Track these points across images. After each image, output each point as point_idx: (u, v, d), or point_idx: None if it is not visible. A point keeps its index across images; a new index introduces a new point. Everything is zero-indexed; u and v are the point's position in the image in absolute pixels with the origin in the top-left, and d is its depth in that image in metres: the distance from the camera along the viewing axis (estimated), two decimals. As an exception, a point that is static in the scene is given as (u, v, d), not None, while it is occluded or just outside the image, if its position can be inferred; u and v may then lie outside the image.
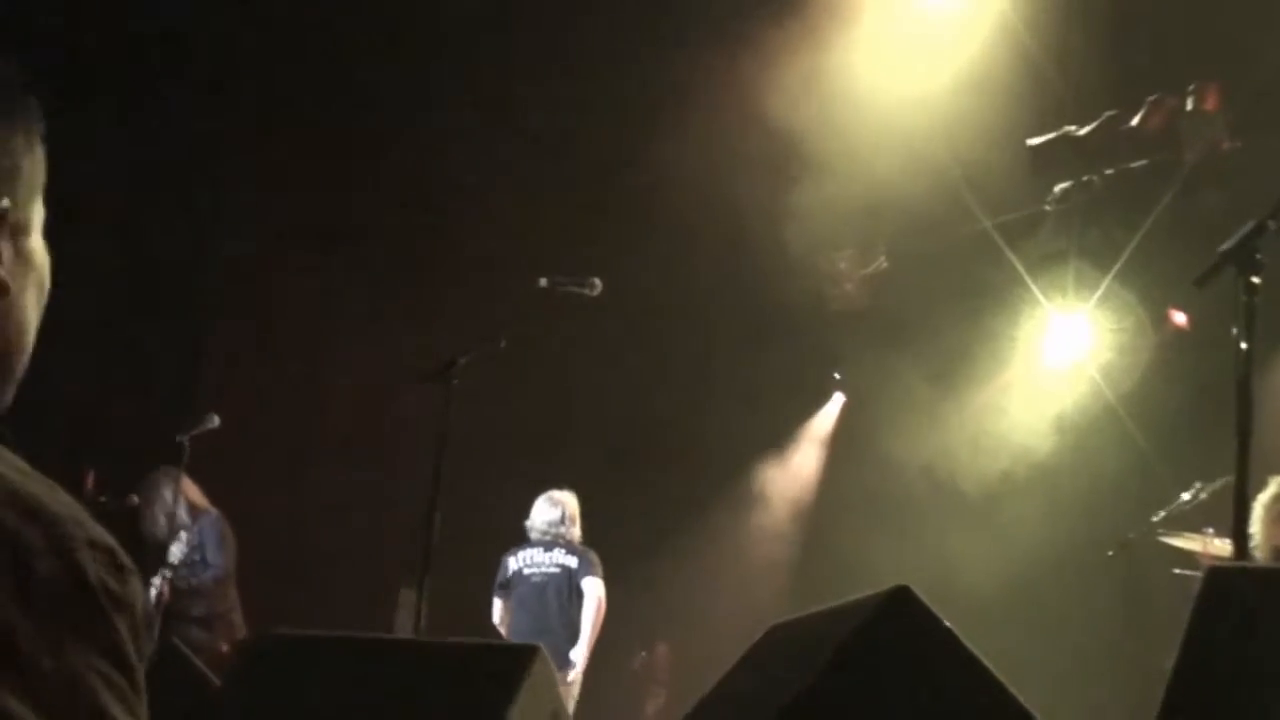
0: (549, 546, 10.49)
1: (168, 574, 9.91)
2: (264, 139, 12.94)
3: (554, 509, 10.57)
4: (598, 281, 7.52)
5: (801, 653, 4.07)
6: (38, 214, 1.76)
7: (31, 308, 1.74)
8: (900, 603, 3.80)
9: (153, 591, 9.76)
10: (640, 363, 13.45)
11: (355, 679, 5.27)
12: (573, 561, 10.43)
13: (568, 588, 10.39)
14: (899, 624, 3.76)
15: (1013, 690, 3.72)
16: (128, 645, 1.45)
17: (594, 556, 10.53)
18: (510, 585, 10.50)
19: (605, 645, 11.62)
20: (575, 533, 10.64)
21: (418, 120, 12.98)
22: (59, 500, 1.48)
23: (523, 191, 12.79)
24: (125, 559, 1.49)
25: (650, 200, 12.43)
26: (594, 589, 10.39)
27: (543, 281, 7.41)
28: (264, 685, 5.40)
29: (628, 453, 13.55)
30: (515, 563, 10.54)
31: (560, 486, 10.70)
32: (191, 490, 10.28)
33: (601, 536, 12.01)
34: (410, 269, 13.10)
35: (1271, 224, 4.43)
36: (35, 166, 1.74)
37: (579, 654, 10.31)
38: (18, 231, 1.71)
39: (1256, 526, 7.44)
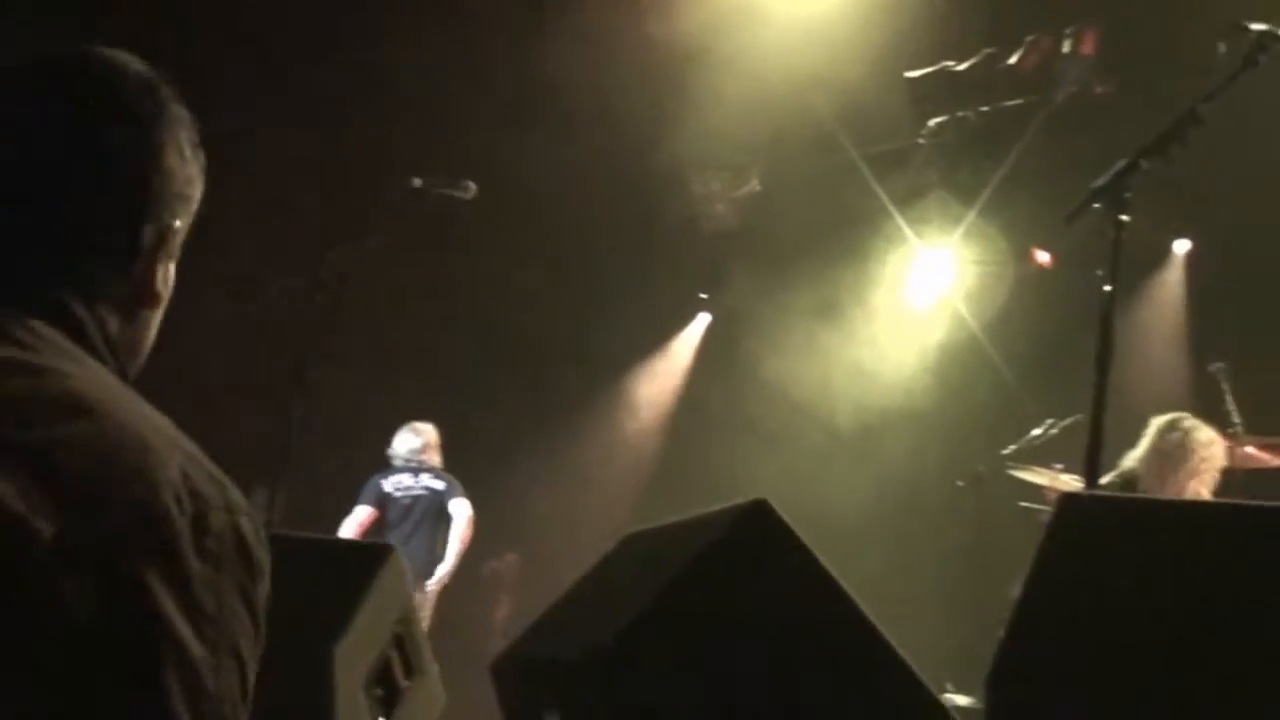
0: (415, 472, 11.21)
1: None
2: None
3: (416, 438, 11.36)
4: (472, 185, 7.46)
5: (657, 561, 4.09)
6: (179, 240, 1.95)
7: (155, 325, 1.98)
8: (758, 516, 3.82)
9: None
10: (510, 270, 13.37)
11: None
12: (440, 485, 11.16)
13: (436, 509, 11.08)
14: (756, 536, 3.78)
15: (864, 609, 3.77)
16: (259, 599, 1.69)
17: (457, 482, 11.24)
18: (382, 505, 11.14)
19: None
20: (436, 459, 11.38)
21: (288, 23, 12.74)
22: (218, 479, 1.69)
23: (395, 95, 12.63)
24: (264, 527, 1.72)
25: (529, 105, 12.33)
26: (463, 509, 11.12)
27: (416, 182, 7.35)
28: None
29: (492, 359, 13.48)
30: (386, 484, 11.19)
31: (425, 400, 10.97)
32: None
33: (457, 444, 11.99)
34: (283, 169, 12.89)
35: (1143, 163, 4.48)
36: (198, 196, 1.98)
37: (444, 568, 10.97)
38: (172, 256, 1.94)
39: (1141, 467, 7.57)
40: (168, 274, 1.93)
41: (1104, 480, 7.44)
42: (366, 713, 4.88)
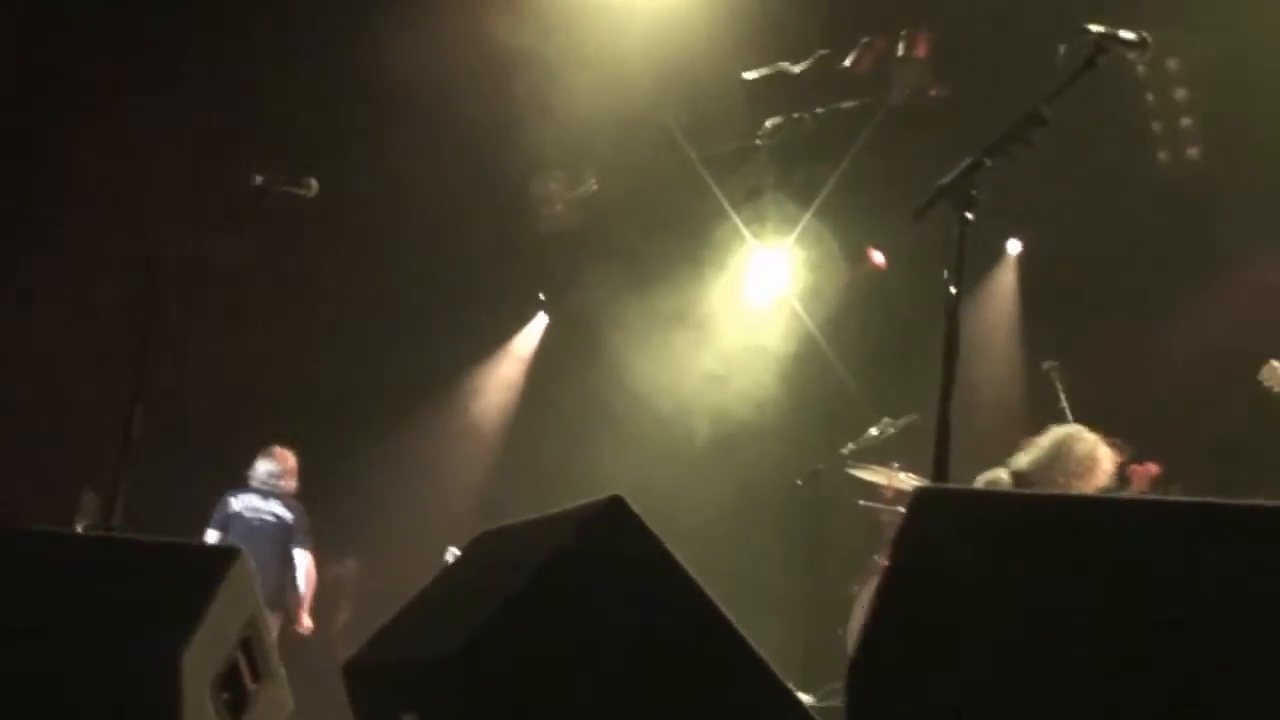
0: (266, 495, 11.38)
1: None
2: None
3: (274, 463, 11.51)
4: (314, 182, 7.37)
5: (512, 559, 4.08)
6: None
7: None
8: (614, 512, 3.83)
9: None
10: (348, 269, 13.28)
11: (47, 574, 5.11)
12: (289, 516, 11.38)
13: (280, 537, 11.29)
14: (612, 532, 3.79)
15: (718, 602, 3.80)
16: None
17: (306, 519, 11.48)
18: (227, 525, 11.28)
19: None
20: (292, 485, 11.57)
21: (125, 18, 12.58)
22: None
23: (236, 92, 12.49)
24: None
25: (369, 106, 12.27)
26: (304, 560, 11.42)
27: (258, 179, 7.24)
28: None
29: (330, 361, 13.38)
30: (235, 504, 11.34)
31: (262, 400, 10.90)
32: None
33: (292, 447, 11.88)
34: (121, 162, 12.69)
35: (988, 161, 4.55)
36: None
37: (303, 616, 11.44)
38: None
39: (1036, 471, 7.58)
40: None
41: (986, 477, 7.54)
42: (214, 717, 4.81)
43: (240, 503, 11.33)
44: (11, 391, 12.64)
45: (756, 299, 12.89)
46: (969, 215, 4.56)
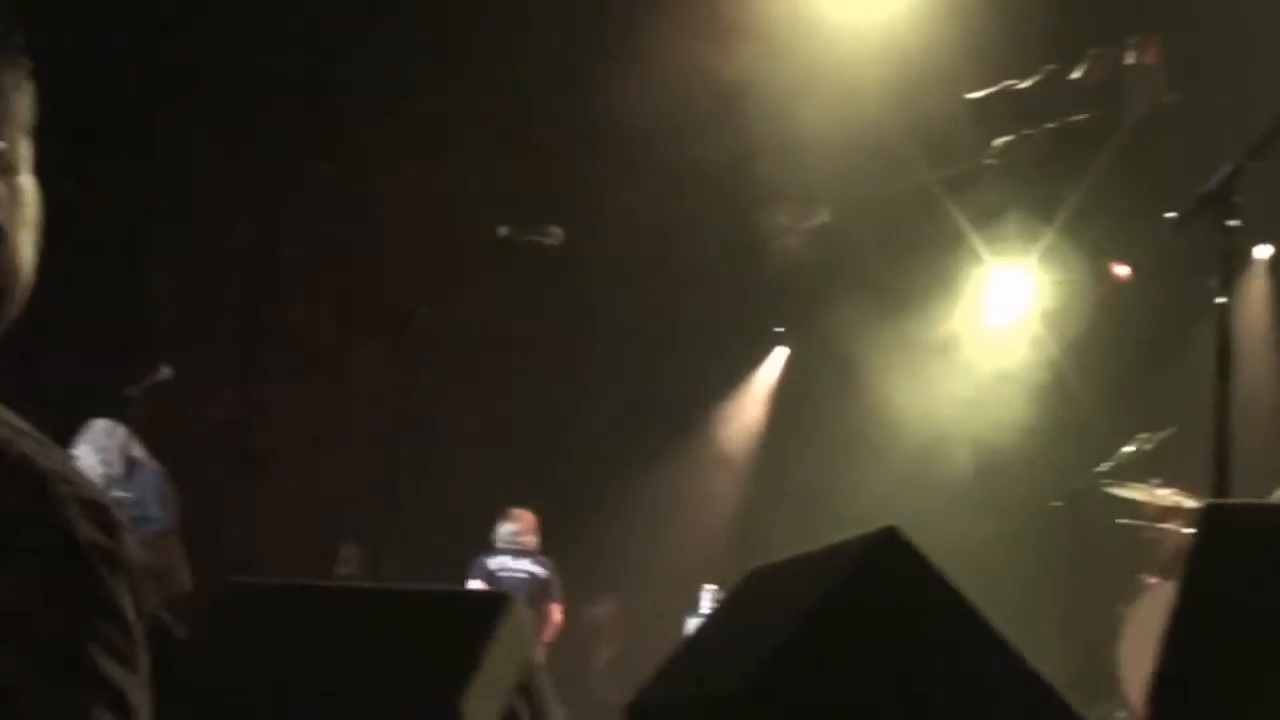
0: (517, 555, 11.83)
1: None
2: (205, 86, 12.88)
3: (515, 524, 11.95)
4: (558, 231, 7.48)
5: (787, 595, 4.07)
6: (26, 151, 1.75)
7: (26, 246, 1.74)
8: (889, 544, 3.80)
9: None
10: (591, 315, 13.45)
11: (325, 626, 5.23)
12: (542, 572, 11.82)
13: (537, 593, 11.68)
14: (890, 564, 3.76)
15: (1005, 633, 3.75)
16: (121, 600, 1.41)
17: (556, 575, 11.89)
18: (487, 584, 11.66)
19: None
20: (535, 541, 11.98)
21: (369, 67, 12.91)
22: (49, 457, 1.45)
23: (476, 143, 12.75)
24: (117, 515, 1.45)
25: (605, 150, 12.42)
26: (557, 614, 11.87)
27: (502, 230, 7.36)
28: (234, 634, 5.35)
29: (575, 405, 13.55)
30: (491, 564, 11.80)
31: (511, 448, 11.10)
32: (132, 444, 10.16)
33: (546, 490, 12.06)
34: (362, 217, 13.01)
35: (1249, 166, 4.43)
36: (23, 102, 1.73)
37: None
38: (9, 170, 1.70)
39: None
40: (12, 192, 1.72)
41: None
42: (496, 764, 4.87)
43: (495, 563, 11.77)
44: (272, 451, 13.01)
45: (998, 320, 12.73)
46: (1233, 222, 4.44)
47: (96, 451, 9.98)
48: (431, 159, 12.65)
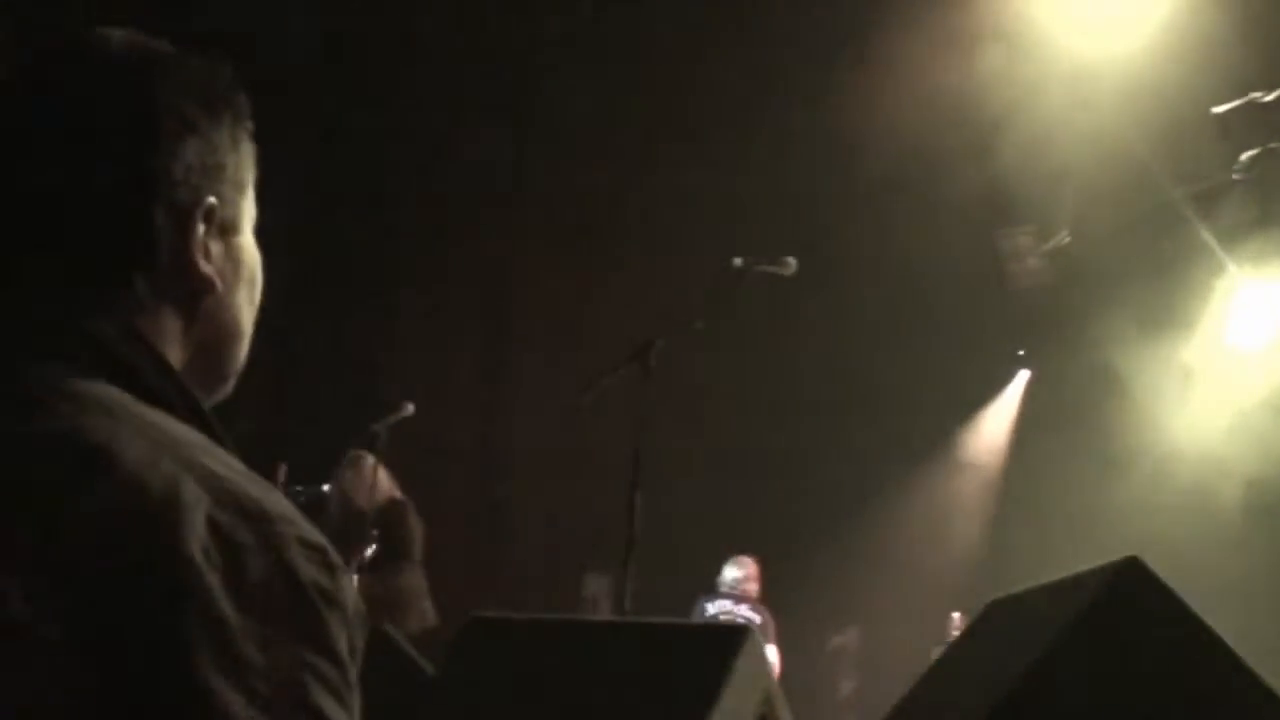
0: (738, 600, 11.90)
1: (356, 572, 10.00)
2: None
3: (739, 570, 12.02)
4: (792, 260, 7.46)
5: (1028, 628, 4.02)
6: (248, 211, 1.80)
7: (244, 305, 1.79)
8: (1131, 574, 3.73)
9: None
10: (826, 342, 13.44)
11: (566, 660, 5.30)
12: (757, 619, 11.61)
13: None
14: (1131, 596, 3.69)
15: (1255, 669, 3.65)
16: (339, 641, 1.45)
17: (773, 622, 11.82)
18: None
19: (798, 629, 11.72)
20: (755, 589, 12.04)
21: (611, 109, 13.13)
22: (272, 499, 1.49)
23: (710, 169, 12.85)
24: (336, 557, 1.49)
25: (835, 176, 12.43)
26: (774, 657, 11.57)
27: (737, 262, 7.37)
28: (478, 668, 5.44)
29: (815, 435, 13.53)
30: (711, 608, 11.90)
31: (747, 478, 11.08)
32: (383, 479, 10.37)
33: (792, 519, 12.06)
34: (601, 248, 13.19)
35: None
36: (242, 163, 1.77)
37: None
38: (226, 230, 1.74)
39: None
40: (229, 251, 1.74)
41: None
42: (738, 795, 4.87)
43: (715, 607, 11.86)
44: (514, 483, 13.23)
45: (1252, 341, 12.39)
46: None
47: (346, 486, 10.25)
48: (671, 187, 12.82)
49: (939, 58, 11.81)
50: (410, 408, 9.77)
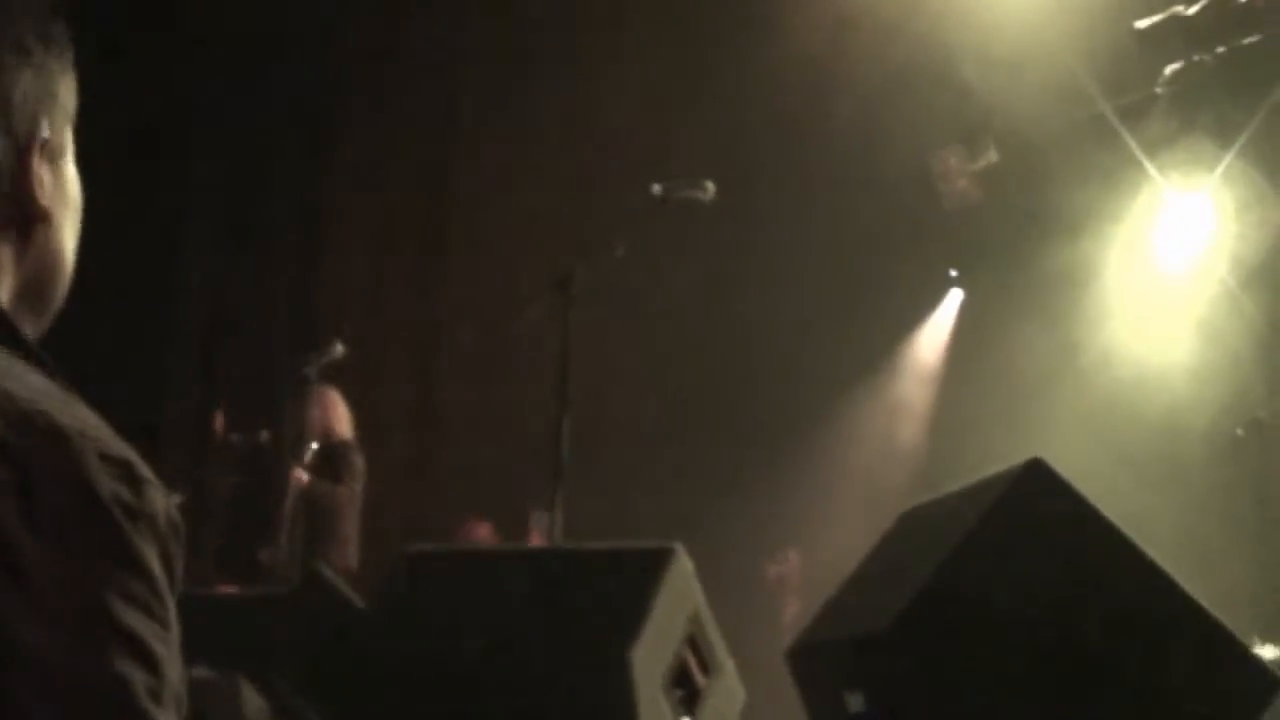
0: None
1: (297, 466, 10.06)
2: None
3: None
4: (711, 185, 7.44)
5: (937, 532, 4.09)
6: (70, 140, 1.78)
7: (69, 234, 1.77)
8: (1034, 475, 3.80)
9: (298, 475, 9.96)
10: (753, 268, 13.47)
11: (497, 588, 5.35)
12: None
13: None
14: (1036, 495, 3.76)
15: (1154, 558, 3.73)
16: (145, 553, 1.41)
17: None
18: None
19: (737, 558, 11.77)
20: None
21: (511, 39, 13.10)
22: (72, 414, 1.46)
23: (625, 96, 12.86)
24: (143, 470, 1.45)
25: (751, 100, 12.45)
26: None
27: (656, 188, 7.36)
28: (411, 601, 5.49)
29: (748, 356, 13.56)
30: None
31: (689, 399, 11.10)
32: (335, 414, 10.40)
33: (725, 445, 12.08)
34: (522, 181, 13.18)
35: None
36: (68, 91, 1.76)
37: None
38: (55, 156, 1.73)
39: None
40: (57, 180, 1.73)
41: None
42: (670, 714, 4.94)
43: None
44: (451, 420, 13.27)
45: (1174, 249, 12.49)
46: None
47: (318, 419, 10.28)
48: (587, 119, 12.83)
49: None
50: (340, 348, 9.78)
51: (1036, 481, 3.79)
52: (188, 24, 12.41)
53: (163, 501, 1.46)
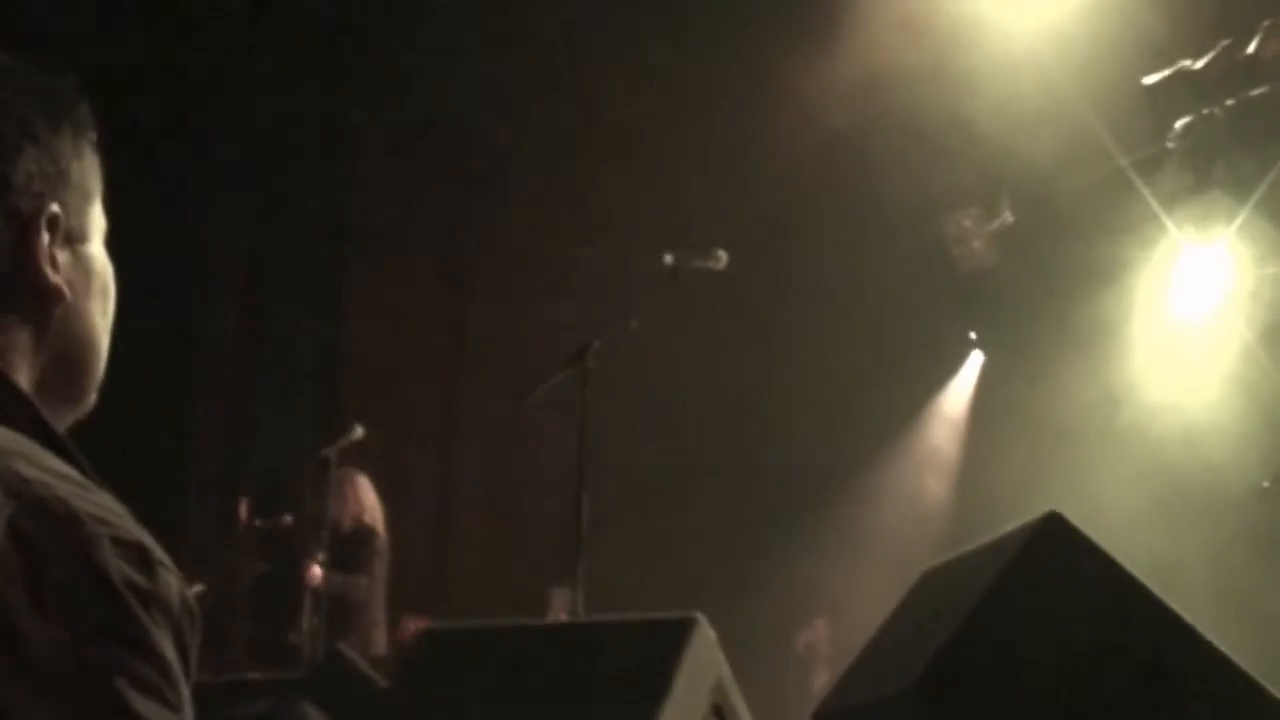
0: None
1: (313, 562, 10.00)
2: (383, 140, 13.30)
3: None
4: (723, 254, 7.45)
5: (957, 590, 4.06)
6: (96, 221, 1.77)
7: (98, 315, 1.75)
8: (1052, 529, 3.78)
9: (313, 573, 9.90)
10: (776, 335, 13.48)
11: (517, 664, 5.33)
12: None
13: None
14: (1054, 549, 3.74)
15: (1178, 610, 3.69)
16: (157, 638, 1.39)
17: None
18: None
19: (766, 627, 11.70)
20: None
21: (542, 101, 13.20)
22: (88, 500, 1.44)
23: (639, 168, 12.93)
24: (158, 555, 1.44)
25: (766, 169, 12.50)
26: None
27: (668, 258, 7.37)
28: (431, 679, 5.47)
29: (764, 431, 13.55)
30: None
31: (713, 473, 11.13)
32: (358, 497, 10.38)
33: (747, 520, 12.04)
34: (539, 256, 13.24)
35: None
36: (86, 172, 1.75)
37: None
38: (73, 238, 1.71)
39: None
40: (77, 260, 1.72)
41: None
42: (697, 784, 4.90)
43: None
44: (475, 498, 13.26)
45: (1194, 303, 12.44)
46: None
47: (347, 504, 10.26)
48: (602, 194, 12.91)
49: (872, 48, 11.88)
50: (360, 430, 9.78)
51: (1055, 536, 3.76)
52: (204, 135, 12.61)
53: (178, 586, 1.44)
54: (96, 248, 1.76)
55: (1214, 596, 8.81)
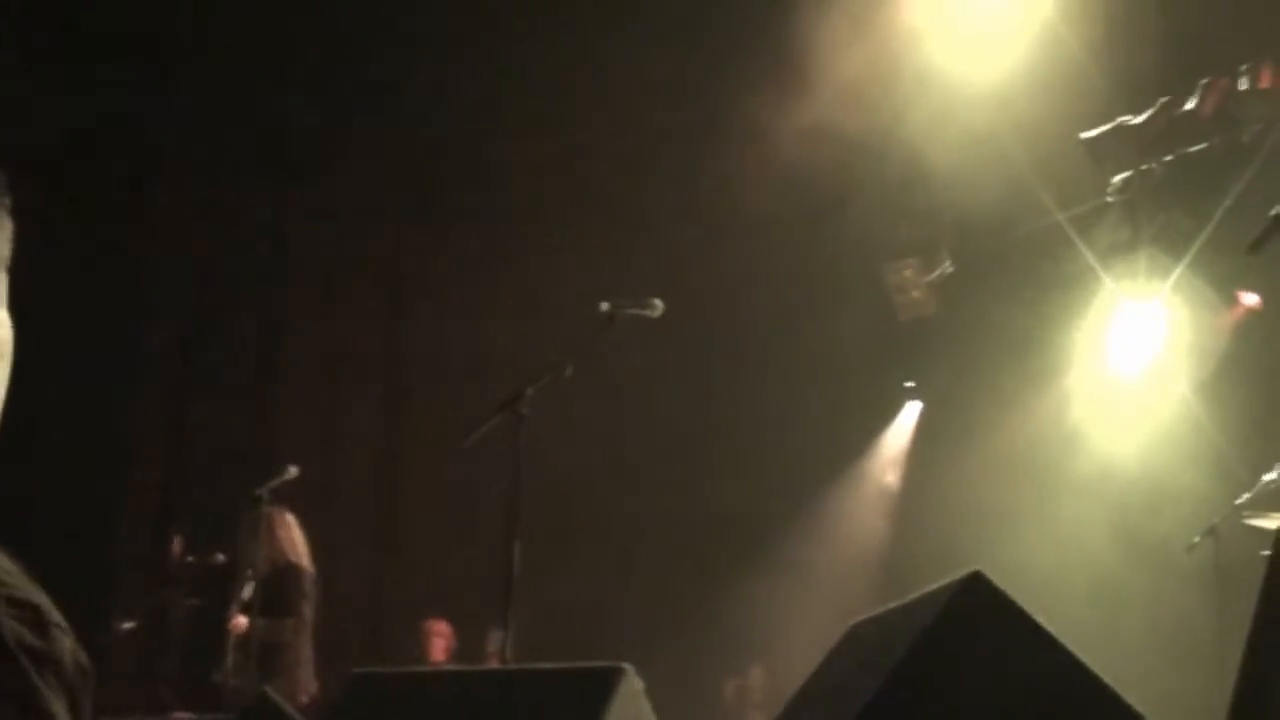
0: None
1: (236, 609, 9.95)
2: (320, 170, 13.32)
3: None
4: (659, 302, 7.45)
5: (880, 646, 4.07)
6: (2, 286, 1.77)
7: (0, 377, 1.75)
8: (975, 588, 3.79)
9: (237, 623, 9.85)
10: (708, 381, 13.50)
11: (445, 711, 5.30)
12: None
13: None
14: (975, 608, 3.75)
15: (1093, 668, 3.71)
16: (47, 698, 1.39)
17: None
18: None
19: (700, 674, 11.67)
20: None
21: (480, 147, 13.19)
22: None
23: (577, 212, 12.95)
24: (52, 616, 1.44)
25: (709, 214, 12.53)
26: None
27: (604, 305, 7.37)
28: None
29: (701, 478, 13.55)
30: None
31: (641, 519, 11.15)
32: (283, 537, 10.29)
33: (683, 566, 12.03)
34: (474, 306, 13.23)
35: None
36: (2, 238, 1.75)
37: None
38: None
39: None
40: None
41: None
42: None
43: None
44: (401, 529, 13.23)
45: (1131, 357, 12.53)
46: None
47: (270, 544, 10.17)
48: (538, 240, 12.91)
49: (816, 101, 11.92)
50: (293, 470, 9.71)
51: (976, 595, 3.78)
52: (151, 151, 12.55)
53: (70, 646, 1.44)
54: (3, 312, 1.77)
55: (1141, 655, 8.87)
